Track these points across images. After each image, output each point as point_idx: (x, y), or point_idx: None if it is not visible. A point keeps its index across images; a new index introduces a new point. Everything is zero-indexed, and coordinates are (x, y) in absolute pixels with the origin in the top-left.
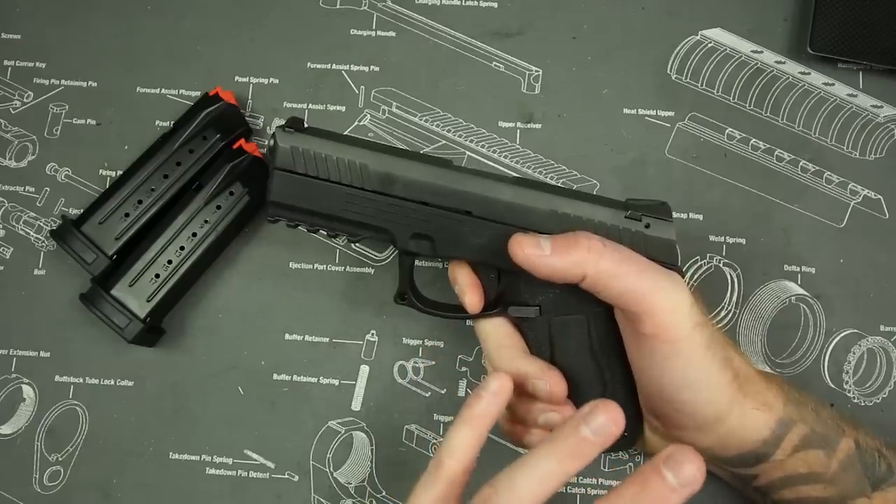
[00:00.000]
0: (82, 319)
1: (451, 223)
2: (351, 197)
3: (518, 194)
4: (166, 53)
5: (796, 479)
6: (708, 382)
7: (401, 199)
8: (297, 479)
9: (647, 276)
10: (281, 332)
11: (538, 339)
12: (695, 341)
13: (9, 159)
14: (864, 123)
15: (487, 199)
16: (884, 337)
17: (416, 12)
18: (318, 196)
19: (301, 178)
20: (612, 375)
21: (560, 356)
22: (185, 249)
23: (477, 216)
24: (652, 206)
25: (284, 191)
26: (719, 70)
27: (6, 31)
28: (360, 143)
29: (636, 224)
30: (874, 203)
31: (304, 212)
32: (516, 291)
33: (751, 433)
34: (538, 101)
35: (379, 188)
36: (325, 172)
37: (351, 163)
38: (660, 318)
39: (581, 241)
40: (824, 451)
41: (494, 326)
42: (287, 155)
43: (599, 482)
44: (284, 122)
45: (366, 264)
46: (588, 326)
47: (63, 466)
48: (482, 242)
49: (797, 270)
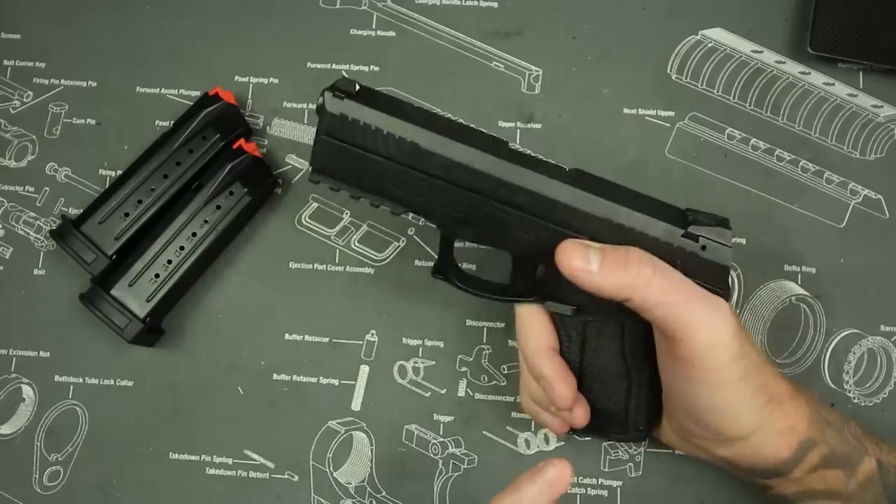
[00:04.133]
0: (82, 319)
1: (499, 214)
2: (397, 174)
3: (574, 196)
4: (166, 53)
5: (812, 495)
6: (736, 410)
7: (449, 183)
8: (297, 479)
9: (692, 305)
10: (281, 332)
11: (570, 335)
12: (729, 373)
13: (9, 159)
14: (864, 123)
15: (540, 196)
16: (884, 337)
17: (416, 12)
18: (362, 168)
19: (347, 148)
20: (639, 376)
21: (590, 354)
22: (184, 249)
23: (527, 212)
24: (712, 222)
25: (328, 158)
26: (719, 70)
27: (6, 31)
28: (413, 114)
29: (692, 244)
30: (874, 203)
31: (347, 181)
32: (556, 286)
33: (771, 453)
34: (538, 101)
35: (427, 170)
36: (373, 146)
37: (401, 139)
38: (697, 347)
39: (631, 265)
40: (844, 470)
41: (529, 311)
42: (335, 122)
43: (599, 482)
44: (335, 84)
45: (366, 264)
46: (622, 332)
47: (63, 466)
48: (528, 238)
49: (797, 270)
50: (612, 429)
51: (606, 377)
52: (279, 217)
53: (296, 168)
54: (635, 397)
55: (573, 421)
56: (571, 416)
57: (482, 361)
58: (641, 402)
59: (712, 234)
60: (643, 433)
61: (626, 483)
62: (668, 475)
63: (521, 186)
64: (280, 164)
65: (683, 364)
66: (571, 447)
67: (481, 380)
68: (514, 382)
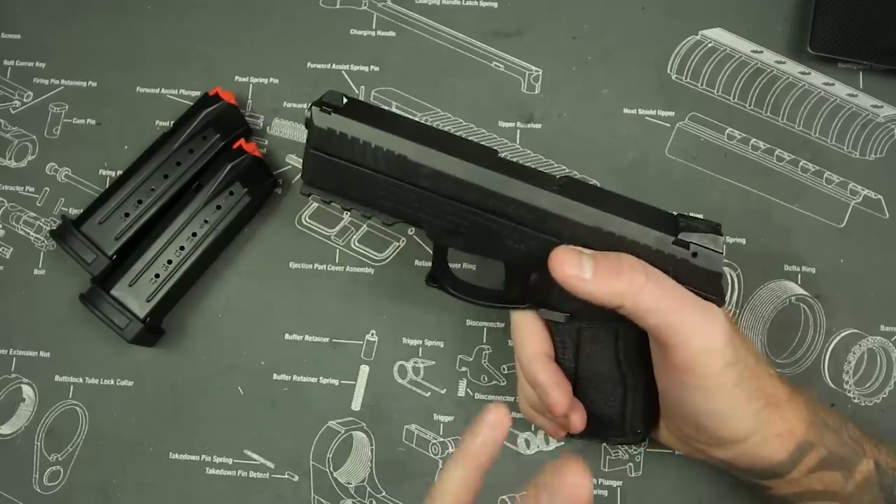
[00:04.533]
0: (82, 319)
1: (489, 225)
2: (387, 186)
3: (563, 206)
4: (166, 53)
5: (810, 496)
6: (732, 415)
7: (438, 194)
8: (297, 479)
9: (685, 313)
10: (281, 332)
11: (565, 342)
12: (723, 379)
13: (9, 159)
14: (864, 123)
15: (529, 206)
16: (884, 337)
17: (416, 12)
18: (351, 181)
19: (336, 161)
20: (635, 381)
21: (584, 360)
22: (184, 249)
23: (516, 221)
24: (704, 228)
25: (318, 172)
26: (719, 70)
27: (6, 31)
28: (400, 126)
29: (683, 251)
30: (874, 203)
31: (338, 193)
32: (548, 294)
33: (767, 455)
34: (538, 101)
35: (416, 182)
36: (361, 159)
37: (389, 152)
38: (690, 355)
39: (624, 272)
40: (841, 472)
41: (523, 318)
42: (323, 136)
43: (599, 482)
44: (322, 98)
45: (366, 264)
46: (617, 338)
47: (63, 466)
48: (519, 248)
49: (797, 270)
50: (609, 433)
51: (602, 383)
52: (279, 217)
53: (296, 168)
54: (631, 402)
55: (569, 427)
56: (568, 421)
57: (482, 361)
58: (637, 407)
59: (703, 241)
60: (640, 436)
61: (626, 483)
62: (668, 475)
63: (510, 197)
64: (280, 164)
65: (677, 371)
66: (571, 447)
67: (481, 380)
68: (514, 382)
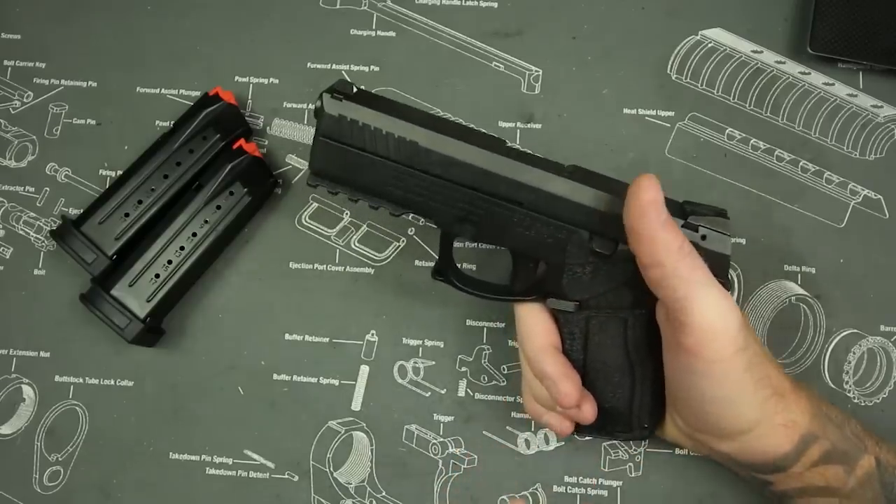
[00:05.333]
0: (82, 319)
1: (500, 211)
2: (397, 173)
3: (574, 191)
4: (166, 53)
5: (812, 491)
6: (739, 402)
7: (450, 181)
8: (297, 479)
9: (709, 291)
10: (281, 332)
11: (573, 332)
12: (733, 365)
13: (9, 159)
14: (864, 123)
15: (541, 192)
16: (884, 337)
17: (416, 12)
18: (361, 169)
19: (345, 149)
20: (643, 371)
21: (593, 350)
22: (185, 249)
23: (528, 208)
24: (711, 213)
25: (327, 160)
26: (719, 70)
27: (6, 31)
28: (411, 114)
29: (692, 234)
30: (874, 203)
31: (346, 182)
32: (557, 283)
33: (772, 447)
34: (538, 101)
35: (427, 169)
36: (371, 146)
37: (400, 139)
38: (704, 335)
39: (679, 234)
40: (843, 466)
41: (529, 311)
42: (334, 123)
43: (599, 482)
44: (333, 86)
45: (366, 264)
46: (626, 326)
47: (63, 466)
48: (529, 234)
49: (797, 270)
50: (616, 427)
51: (610, 373)
52: (279, 217)
53: (296, 168)
54: (639, 393)
55: (581, 417)
56: (579, 412)
57: (482, 361)
58: (645, 399)
59: (712, 224)
60: (647, 431)
61: (626, 483)
62: (668, 475)
63: (521, 182)
64: (280, 165)
65: (687, 354)
66: (571, 447)
67: (481, 380)
68: (514, 382)
